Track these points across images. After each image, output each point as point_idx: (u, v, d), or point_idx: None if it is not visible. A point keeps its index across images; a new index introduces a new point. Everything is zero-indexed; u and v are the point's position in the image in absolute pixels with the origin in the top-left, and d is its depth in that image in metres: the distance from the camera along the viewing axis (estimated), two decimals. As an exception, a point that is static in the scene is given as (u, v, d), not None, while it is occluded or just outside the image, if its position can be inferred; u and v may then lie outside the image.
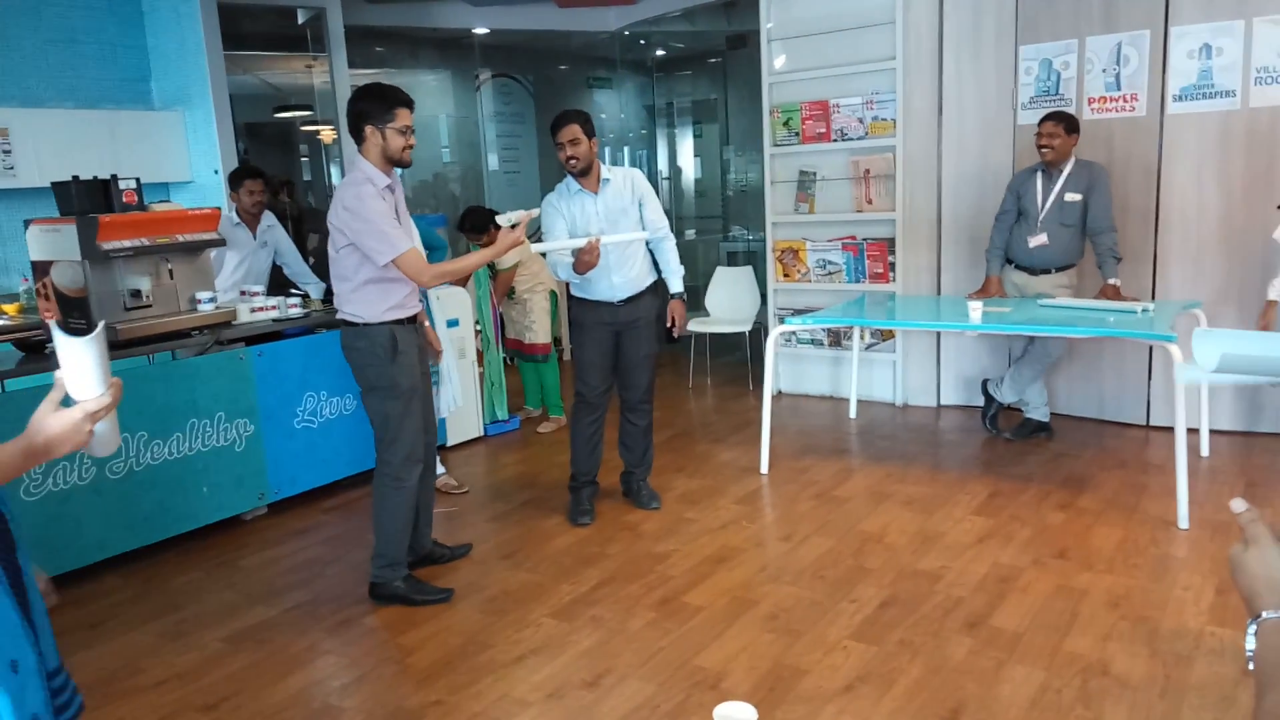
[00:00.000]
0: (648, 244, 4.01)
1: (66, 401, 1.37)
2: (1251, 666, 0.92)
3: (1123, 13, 4.86)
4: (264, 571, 3.72)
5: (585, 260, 3.63)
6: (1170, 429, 3.84)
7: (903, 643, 2.92)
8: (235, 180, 4.93)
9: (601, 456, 4.16)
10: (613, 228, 3.81)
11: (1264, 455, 4.51)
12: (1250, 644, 0.92)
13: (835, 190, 5.86)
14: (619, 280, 3.89)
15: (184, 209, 4.22)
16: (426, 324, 3.66)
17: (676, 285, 4.03)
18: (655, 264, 4.06)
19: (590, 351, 3.99)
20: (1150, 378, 5.04)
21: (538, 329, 5.57)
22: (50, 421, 1.32)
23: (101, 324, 1.42)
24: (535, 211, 3.63)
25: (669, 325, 4.03)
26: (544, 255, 4.01)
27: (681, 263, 4.06)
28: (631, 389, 4.07)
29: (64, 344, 1.32)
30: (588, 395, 4.03)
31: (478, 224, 5.49)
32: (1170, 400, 4.85)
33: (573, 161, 3.77)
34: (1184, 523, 3.68)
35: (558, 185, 3.95)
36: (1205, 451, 4.53)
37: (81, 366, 1.33)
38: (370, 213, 3.09)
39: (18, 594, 1.38)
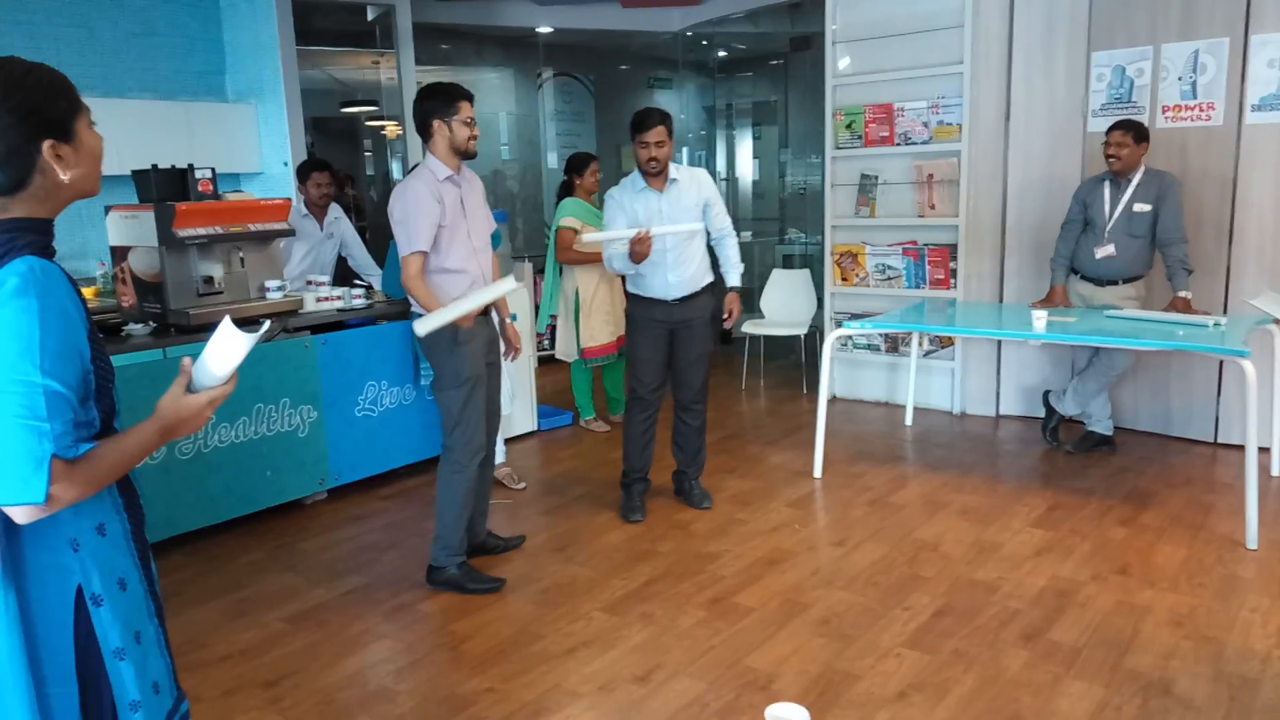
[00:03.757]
0: (708, 242, 4.01)
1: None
2: None
3: (1201, 19, 4.74)
4: (323, 555, 3.80)
5: (638, 251, 3.66)
6: (1239, 447, 3.74)
7: (957, 652, 2.89)
8: (303, 173, 5.05)
9: (653, 454, 4.17)
10: (677, 234, 3.81)
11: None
12: None
13: (897, 195, 5.81)
14: (674, 279, 3.89)
15: (256, 199, 4.33)
16: (509, 320, 3.70)
17: (734, 279, 4.03)
18: (714, 264, 4.06)
19: (644, 348, 4.00)
20: (1220, 394, 4.90)
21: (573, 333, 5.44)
22: (182, 403, 1.39)
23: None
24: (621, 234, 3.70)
25: (724, 321, 4.02)
26: (597, 246, 4.00)
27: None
28: (685, 388, 4.07)
29: (230, 336, 1.39)
30: (641, 392, 4.03)
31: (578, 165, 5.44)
32: (1241, 417, 4.72)
33: (653, 163, 3.79)
34: (1253, 543, 3.58)
35: (622, 180, 3.98)
36: (1276, 471, 4.40)
37: (229, 358, 1.40)
38: (410, 204, 3.21)
39: (145, 568, 1.45)
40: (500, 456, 4.54)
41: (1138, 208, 4.50)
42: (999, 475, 4.60)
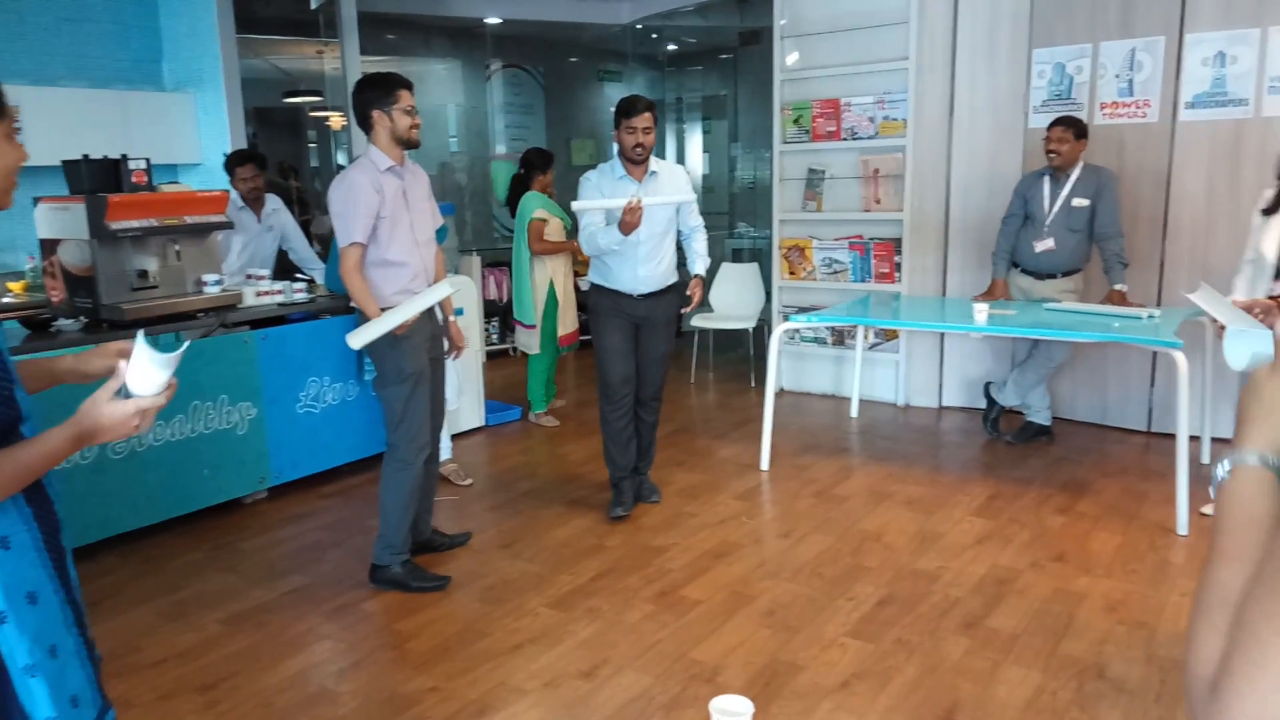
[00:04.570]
0: (679, 237, 3.99)
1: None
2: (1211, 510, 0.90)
3: (1138, 18, 4.85)
4: (263, 555, 3.73)
5: (628, 221, 3.57)
6: (1172, 436, 3.83)
7: (899, 641, 2.92)
8: (229, 166, 4.93)
9: (635, 449, 4.09)
10: (651, 223, 3.73)
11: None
12: (1219, 472, 0.80)
13: (844, 189, 5.86)
14: (644, 273, 3.82)
15: (192, 191, 4.22)
16: (453, 318, 3.64)
17: (700, 267, 4.00)
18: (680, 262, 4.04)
19: (611, 338, 3.90)
20: (1153, 385, 5.03)
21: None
22: (104, 410, 1.33)
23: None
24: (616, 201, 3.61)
25: (687, 304, 3.98)
26: (577, 224, 3.87)
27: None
28: (645, 385, 4.02)
29: (145, 357, 1.34)
30: (612, 382, 3.91)
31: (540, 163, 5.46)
32: (1173, 407, 4.85)
33: (639, 150, 3.71)
34: (1183, 529, 3.68)
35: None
36: (1206, 459, 4.53)
37: (149, 379, 1.36)
38: (348, 195, 3.18)
39: (61, 577, 1.39)
40: (446, 453, 4.49)
41: (1076, 203, 4.59)
42: (941, 466, 4.67)
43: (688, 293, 3.97)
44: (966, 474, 4.51)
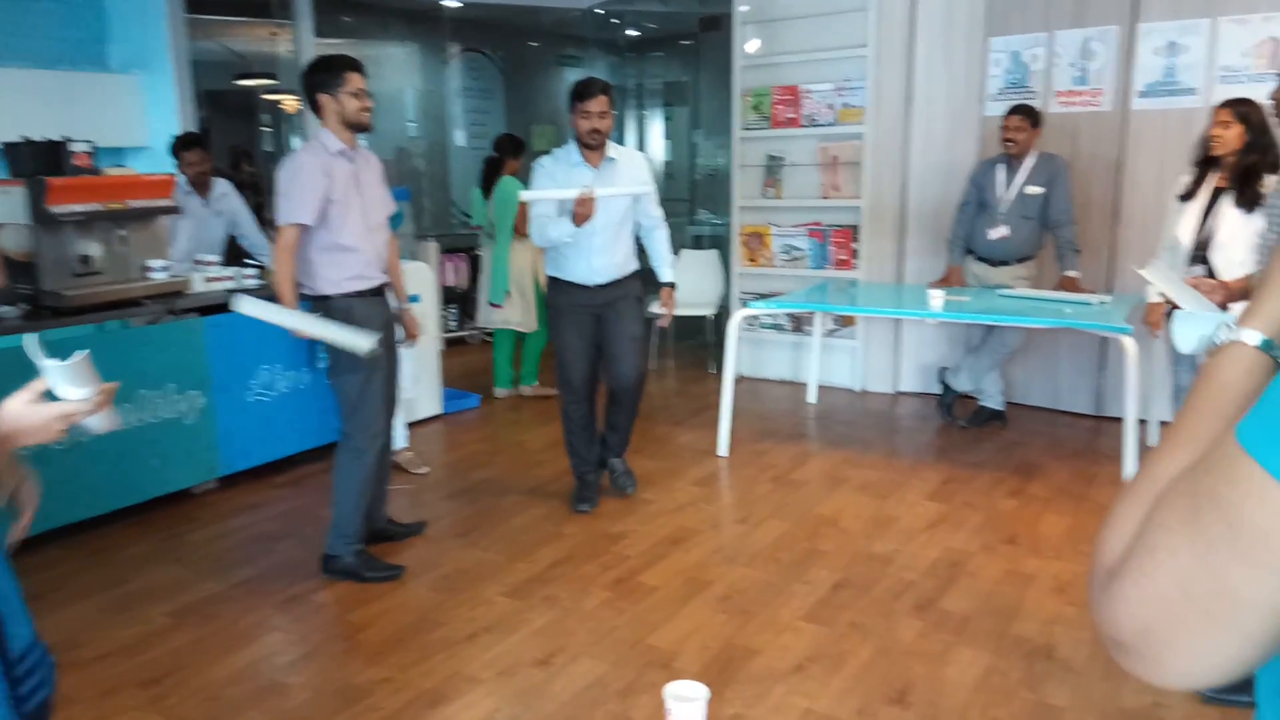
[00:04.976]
0: (637, 236, 3.85)
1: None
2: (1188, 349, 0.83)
3: (1092, 7, 4.90)
4: (212, 546, 3.66)
5: (580, 213, 3.44)
6: (1119, 420, 3.90)
7: (854, 624, 2.94)
8: (175, 151, 4.82)
9: (598, 443, 4.01)
10: (607, 213, 3.60)
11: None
12: (1221, 336, 0.72)
13: (803, 176, 5.87)
14: (599, 263, 3.68)
15: (137, 174, 4.12)
16: (407, 305, 3.59)
17: (667, 274, 3.87)
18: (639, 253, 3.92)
19: (569, 337, 3.76)
20: (1102, 370, 5.12)
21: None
22: (23, 412, 1.28)
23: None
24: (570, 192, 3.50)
25: (659, 321, 3.89)
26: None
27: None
28: (620, 375, 3.79)
29: (55, 370, 1.29)
30: (573, 384, 3.81)
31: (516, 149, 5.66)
32: (1121, 392, 4.94)
33: (595, 135, 3.57)
34: (1132, 512, 3.74)
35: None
36: (1153, 442, 4.61)
37: (67, 388, 1.31)
38: (294, 174, 3.12)
39: None
40: (402, 441, 4.44)
41: (1030, 190, 4.64)
42: (897, 450, 4.71)
43: (660, 307, 3.88)
44: (921, 458, 4.56)
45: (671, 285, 3.89)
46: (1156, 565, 0.57)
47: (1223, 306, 2.97)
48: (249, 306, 2.99)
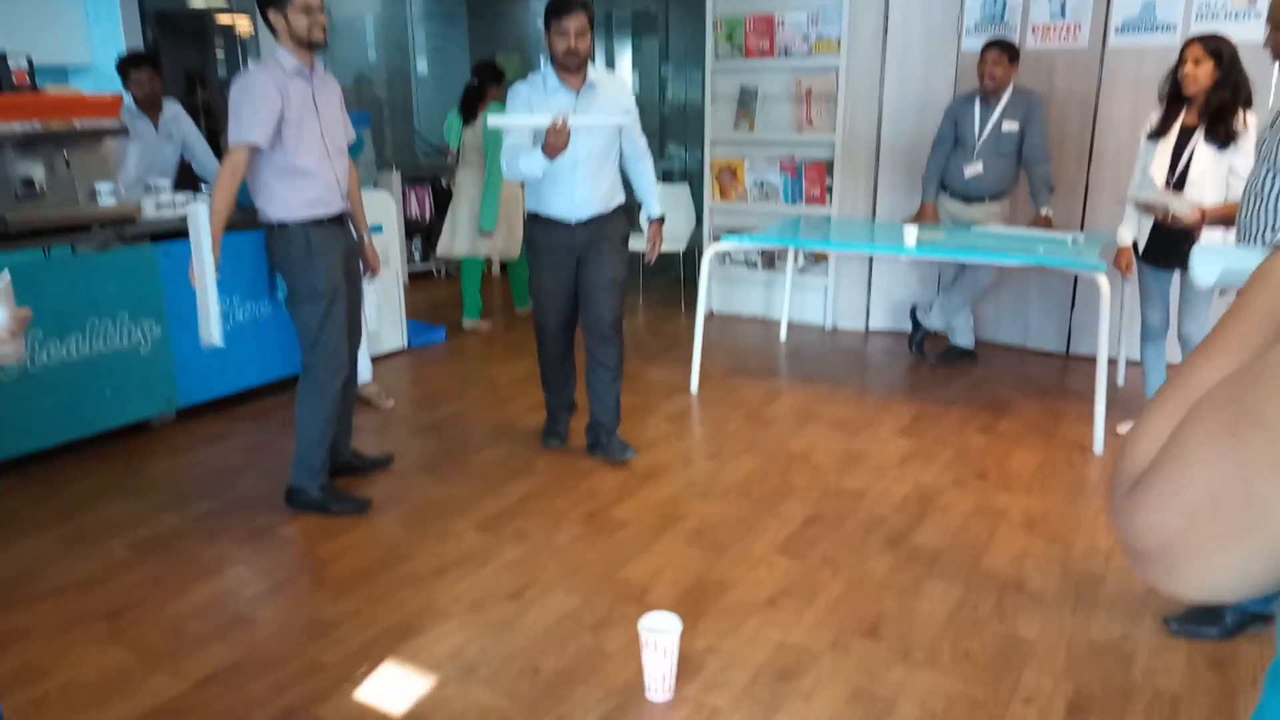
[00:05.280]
0: (621, 166, 3.61)
1: None
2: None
3: (1072, -62, 4.79)
4: (172, 479, 3.57)
5: (552, 144, 3.15)
6: (1089, 358, 3.91)
7: (826, 558, 2.94)
8: (122, 70, 4.58)
9: (575, 382, 3.82)
10: (589, 142, 3.36)
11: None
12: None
13: (776, 109, 5.75)
14: (582, 196, 3.42)
15: (81, 93, 3.91)
16: (368, 239, 3.46)
17: (655, 208, 3.65)
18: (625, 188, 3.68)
19: (547, 279, 3.54)
20: (1073, 308, 5.14)
21: None
22: None
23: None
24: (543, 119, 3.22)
25: (646, 257, 3.71)
26: (499, 146, 3.53)
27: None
28: (594, 319, 3.55)
29: None
30: (549, 328, 3.62)
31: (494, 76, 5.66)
32: (1091, 331, 4.96)
33: (572, 56, 3.28)
34: (1099, 448, 3.78)
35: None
36: (1121, 381, 4.65)
37: None
38: (245, 92, 2.98)
39: None
40: (367, 374, 4.34)
41: (1006, 126, 4.58)
42: (867, 387, 4.71)
43: (647, 244, 3.69)
44: (892, 395, 4.56)
45: (660, 220, 3.69)
46: (1187, 475, 0.55)
47: (1198, 229, 2.96)
48: (201, 217, 2.94)
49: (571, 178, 3.40)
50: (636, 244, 4.01)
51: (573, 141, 3.25)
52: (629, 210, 3.73)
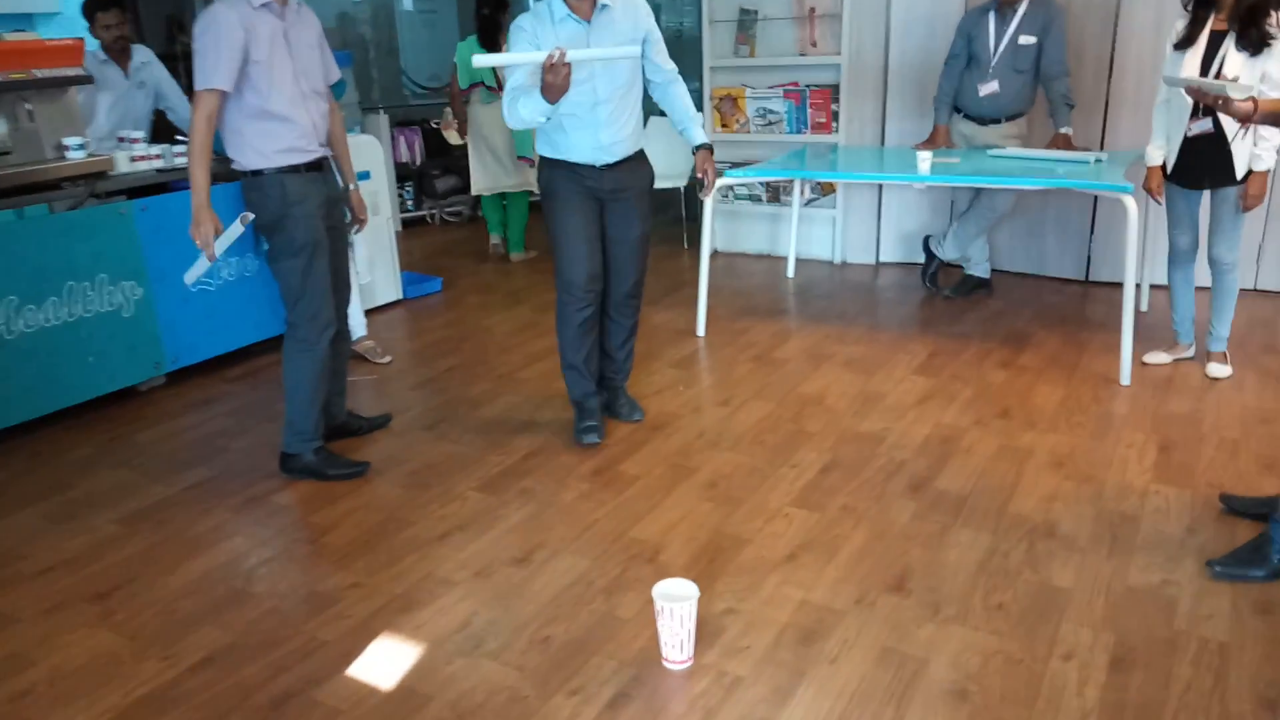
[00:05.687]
0: (647, 91, 3.23)
1: None
2: None
3: None
4: (162, 446, 3.43)
5: (551, 83, 2.71)
6: (1111, 284, 3.73)
7: (846, 508, 2.81)
8: (88, 12, 4.31)
9: (598, 358, 3.38)
10: (611, 76, 2.97)
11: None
12: None
13: (778, 31, 5.47)
14: (608, 138, 3.02)
15: (41, 40, 3.67)
16: (354, 187, 3.26)
17: (699, 134, 3.21)
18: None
19: (572, 224, 3.09)
20: (1093, 232, 4.92)
21: None
22: None
23: None
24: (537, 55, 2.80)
25: (699, 182, 3.27)
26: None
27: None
28: (619, 278, 3.22)
29: None
30: (577, 280, 3.12)
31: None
32: (1112, 255, 4.77)
33: None
34: (1126, 379, 3.62)
35: (534, 5, 3.00)
36: (1145, 307, 4.47)
37: None
38: (204, 32, 2.76)
39: None
40: (360, 329, 4.19)
41: (1023, 40, 4.31)
42: (880, 324, 4.53)
43: (698, 174, 3.24)
44: (906, 331, 4.39)
45: (709, 147, 3.23)
46: None
47: (1248, 123, 2.73)
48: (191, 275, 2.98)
49: (594, 118, 3.00)
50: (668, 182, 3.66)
51: (591, 77, 2.93)
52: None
